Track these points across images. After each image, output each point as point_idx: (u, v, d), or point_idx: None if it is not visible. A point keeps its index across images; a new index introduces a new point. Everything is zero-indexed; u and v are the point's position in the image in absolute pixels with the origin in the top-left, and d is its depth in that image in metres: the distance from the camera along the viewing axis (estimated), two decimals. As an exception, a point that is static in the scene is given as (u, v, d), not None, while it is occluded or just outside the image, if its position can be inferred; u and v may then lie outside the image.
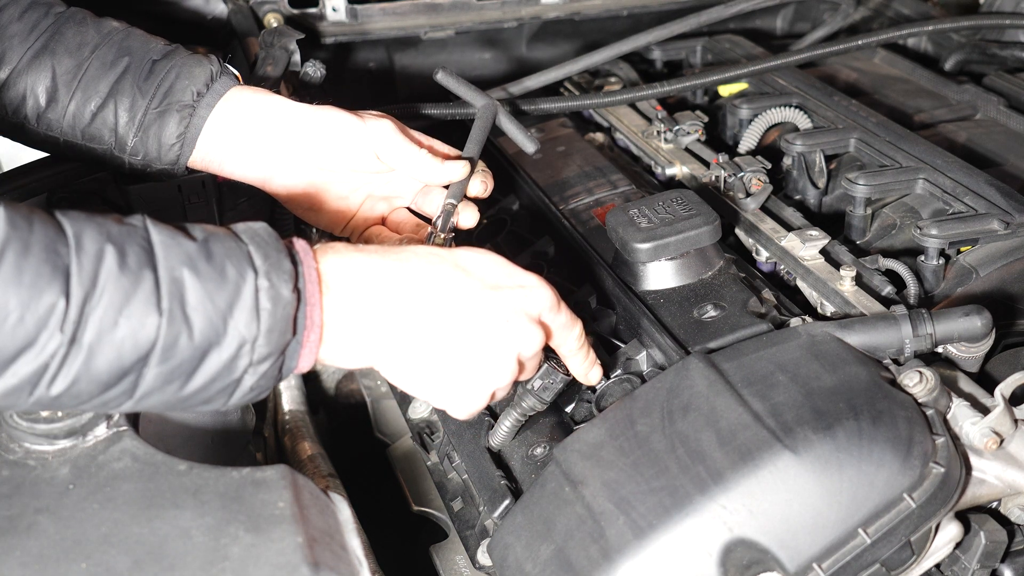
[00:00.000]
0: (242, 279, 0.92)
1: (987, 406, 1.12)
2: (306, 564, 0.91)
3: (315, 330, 0.97)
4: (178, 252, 0.91)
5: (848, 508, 1.00)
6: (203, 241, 0.93)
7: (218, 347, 0.92)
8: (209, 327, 0.91)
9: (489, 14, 2.10)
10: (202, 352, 0.91)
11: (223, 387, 0.94)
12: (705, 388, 1.09)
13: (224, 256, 0.93)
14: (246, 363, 0.93)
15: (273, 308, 0.93)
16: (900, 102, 1.85)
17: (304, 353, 0.97)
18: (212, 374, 0.93)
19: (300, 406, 1.68)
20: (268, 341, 0.93)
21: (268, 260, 0.95)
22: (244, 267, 0.93)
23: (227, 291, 0.92)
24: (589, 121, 1.90)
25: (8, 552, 0.90)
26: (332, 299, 0.99)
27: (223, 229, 0.97)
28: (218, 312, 0.91)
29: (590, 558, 1.01)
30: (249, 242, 0.95)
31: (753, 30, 2.34)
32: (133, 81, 1.30)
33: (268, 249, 0.95)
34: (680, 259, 1.31)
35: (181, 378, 0.92)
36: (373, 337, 1.01)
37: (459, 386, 1.06)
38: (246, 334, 0.92)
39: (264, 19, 1.96)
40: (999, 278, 1.34)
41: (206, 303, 0.90)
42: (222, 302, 0.91)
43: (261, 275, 0.93)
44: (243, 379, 0.94)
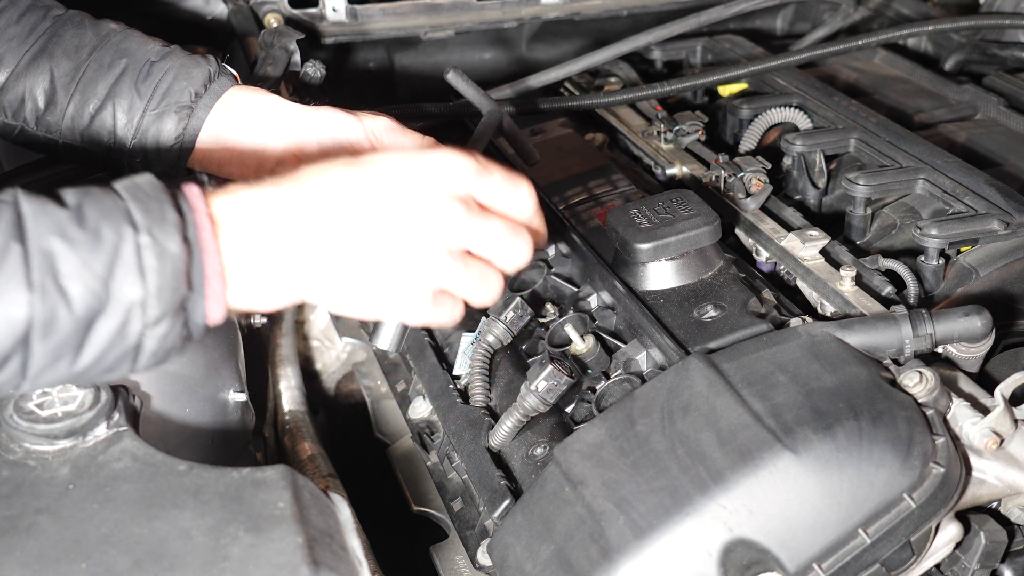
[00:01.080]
0: (120, 239, 0.87)
1: (987, 406, 1.12)
2: (306, 564, 0.91)
3: (216, 279, 0.91)
4: (47, 222, 0.86)
5: (848, 508, 1.00)
6: (76, 206, 0.87)
7: (103, 315, 0.87)
8: (89, 295, 0.86)
9: (489, 14, 2.10)
10: (86, 323, 0.86)
11: (121, 355, 0.90)
12: (705, 388, 1.09)
13: (99, 217, 0.87)
14: (139, 327, 0.88)
15: (159, 265, 0.87)
16: (900, 102, 1.85)
17: (210, 305, 0.92)
18: (104, 344, 0.88)
19: (300, 406, 1.68)
20: (160, 300, 0.88)
21: (149, 214, 0.88)
22: (122, 225, 0.87)
23: (104, 254, 0.86)
24: (589, 121, 1.90)
25: (8, 552, 0.90)
26: (231, 242, 0.92)
27: (101, 189, 0.91)
28: (96, 278, 0.86)
29: (590, 558, 1.01)
30: (129, 198, 0.89)
31: (753, 30, 2.34)
32: (131, 83, 1.30)
33: (149, 203, 0.89)
34: (680, 259, 1.31)
35: (70, 353, 0.87)
36: (286, 271, 0.95)
37: (394, 291, 0.97)
38: (132, 297, 0.87)
39: (264, 19, 1.97)
40: (999, 278, 1.34)
41: (82, 271, 0.85)
42: (100, 267, 0.86)
43: (142, 231, 0.87)
44: (142, 343, 0.89)
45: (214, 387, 1.36)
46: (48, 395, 1.04)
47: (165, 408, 1.26)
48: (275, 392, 1.72)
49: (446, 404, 1.39)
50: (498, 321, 1.36)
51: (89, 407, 1.03)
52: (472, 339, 1.43)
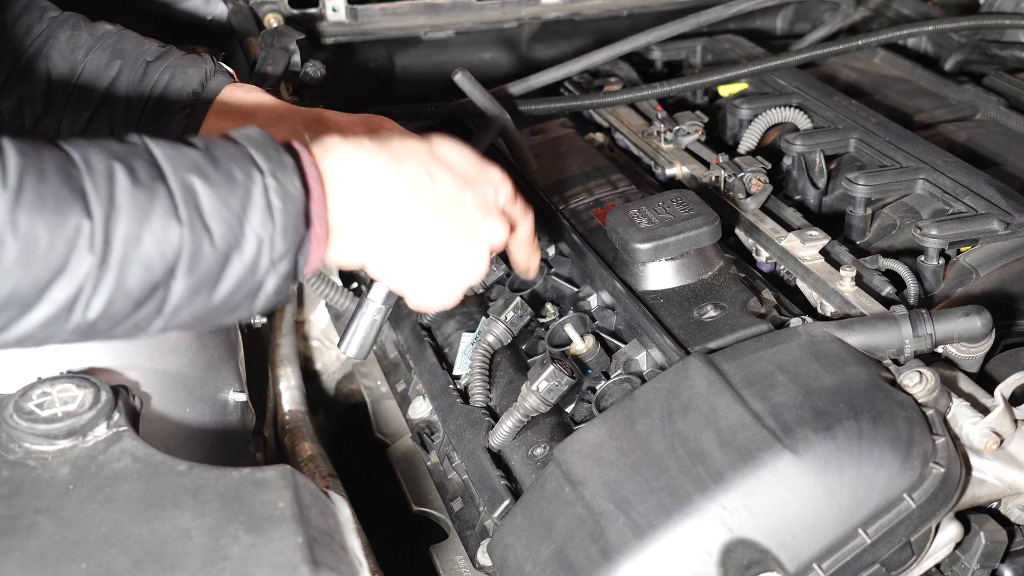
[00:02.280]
0: (250, 180, 0.92)
1: (987, 406, 1.12)
2: (306, 564, 0.91)
3: (322, 224, 0.98)
4: (183, 161, 0.91)
5: (848, 508, 1.00)
6: (205, 148, 0.93)
7: (239, 250, 0.92)
8: (228, 231, 0.91)
9: (489, 14, 2.10)
10: (224, 257, 0.91)
11: (248, 292, 0.95)
12: (705, 388, 1.09)
13: (228, 159, 0.92)
14: (267, 263, 0.94)
15: (284, 205, 0.93)
16: (900, 102, 1.85)
17: (313, 250, 0.98)
18: (237, 279, 0.93)
19: (300, 406, 1.68)
20: (284, 238, 0.94)
21: (270, 159, 0.94)
22: (249, 168, 0.93)
23: (238, 193, 0.91)
24: (589, 121, 1.90)
25: (8, 552, 0.90)
26: (332, 193, 0.99)
27: (220, 136, 0.96)
28: (233, 215, 0.91)
29: (590, 558, 1.01)
30: (247, 144, 0.95)
31: (753, 30, 2.34)
32: (127, 84, 1.29)
33: (268, 149, 0.95)
34: (680, 259, 1.31)
35: (208, 286, 0.92)
36: (368, 233, 1.02)
37: (440, 279, 1.07)
38: (263, 234, 0.92)
39: (264, 19, 1.97)
40: (999, 278, 1.34)
41: (221, 208, 0.90)
42: (236, 205, 0.91)
43: (267, 174, 0.93)
44: (265, 281, 0.95)
45: (214, 387, 1.36)
46: (48, 395, 1.04)
47: (165, 408, 1.26)
48: (275, 392, 1.72)
49: (446, 404, 1.39)
50: (498, 321, 1.36)
51: (89, 407, 1.03)
52: (472, 339, 1.43)
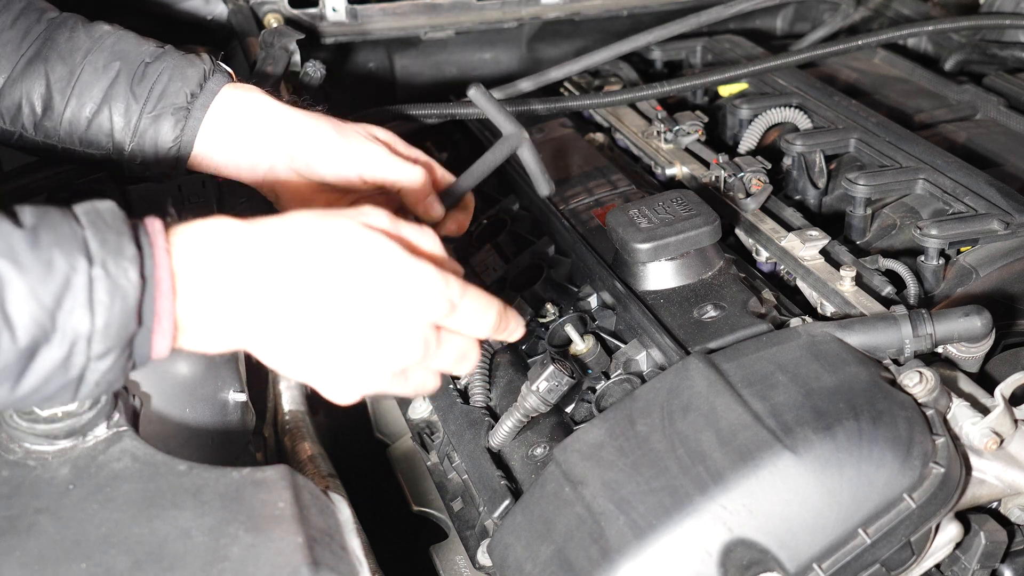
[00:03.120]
0: (73, 270, 0.84)
1: (987, 406, 1.12)
2: (306, 564, 0.91)
3: (167, 317, 0.89)
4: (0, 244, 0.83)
5: (848, 508, 1.00)
6: (32, 228, 0.84)
7: (47, 345, 0.84)
8: (34, 325, 0.83)
9: (489, 14, 2.10)
10: (29, 353, 0.84)
11: (62, 385, 0.87)
12: (705, 388, 1.09)
13: (53, 244, 0.84)
14: (82, 361, 0.86)
15: (110, 301, 0.85)
16: (900, 102, 1.85)
17: (157, 340, 0.89)
18: (45, 374, 0.86)
19: (300, 406, 1.68)
20: (106, 336, 0.86)
21: (106, 246, 0.86)
22: (75, 256, 0.85)
23: (54, 284, 0.83)
24: (589, 121, 1.90)
25: (8, 552, 0.90)
26: (189, 282, 0.90)
27: (60, 212, 0.87)
28: (43, 309, 0.83)
29: (590, 558, 1.01)
30: (88, 225, 0.86)
31: (753, 30, 2.34)
32: (126, 85, 1.29)
33: (107, 233, 0.86)
34: (680, 259, 1.31)
35: (9, 380, 0.85)
36: (238, 319, 0.92)
37: (328, 376, 0.96)
38: (80, 330, 0.85)
39: (264, 19, 1.97)
40: (999, 278, 1.34)
41: (29, 299, 0.82)
42: (48, 298, 0.83)
43: (96, 264, 0.85)
44: (85, 376, 0.87)
45: (214, 387, 1.36)
46: (48, 395, 1.04)
47: (165, 408, 1.26)
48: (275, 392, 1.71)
49: (446, 404, 1.39)
50: (498, 321, 1.36)
51: (89, 407, 1.03)
52: (472, 339, 1.43)
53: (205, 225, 0.92)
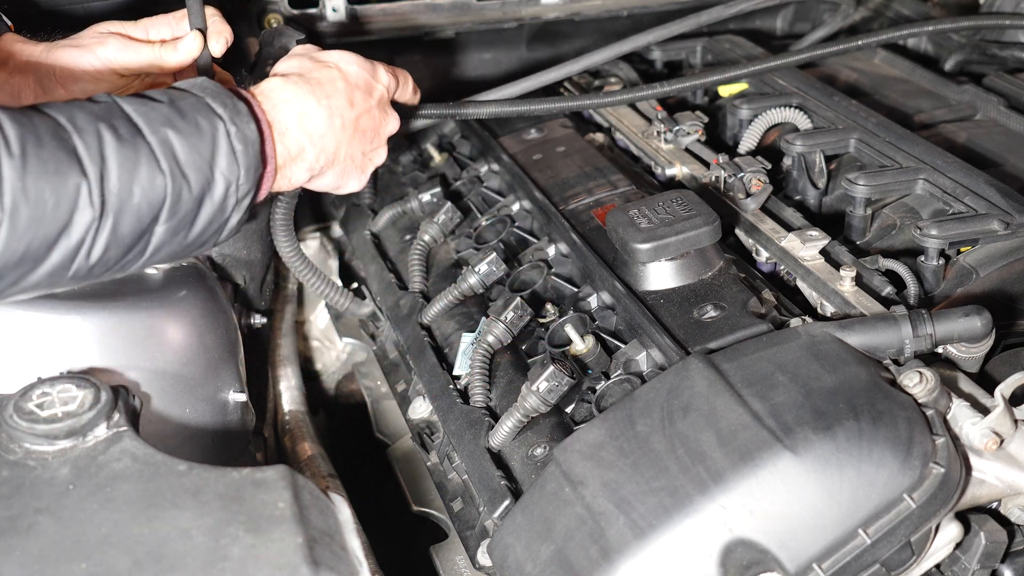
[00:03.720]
0: (214, 128, 1.03)
1: (987, 406, 1.12)
2: (306, 564, 0.91)
3: (272, 162, 1.11)
4: (155, 115, 1.00)
5: (848, 508, 1.00)
6: (170, 102, 1.02)
7: (211, 193, 1.03)
8: (201, 177, 1.01)
9: (489, 14, 2.10)
10: (199, 200, 1.02)
11: (216, 228, 1.06)
12: (705, 388, 1.09)
13: (193, 110, 1.02)
14: (233, 202, 1.05)
15: (245, 148, 1.05)
16: (900, 102, 1.85)
17: (264, 184, 1.10)
18: (208, 218, 1.04)
19: (300, 406, 1.68)
20: (248, 178, 1.06)
21: (227, 107, 1.05)
22: (212, 117, 1.03)
23: (206, 141, 1.02)
24: (589, 121, 1.90)
25: (8, 552, 0.90)
26: (279, 134, 1.13)
27: (176, 89, 1.06)
28: (205, 161, 1.01)
29: (590, 558, 1.01)
30: (203, 94, 1.05)
31: (753, 30, 2.34)
32: None
33: (223, 97, 1.06)
34: (680, 259, 1.31)
35: (185, 228, 1.02)
36: (307, 162, 1.18)
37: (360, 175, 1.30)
38: (230, 176, 1.04)
39: (264, 19, 1.96)
40: (999, 278, 1.34)
41: (194, 156, 1.01)
42: (206, 152, 1.02)
43: (227, 121, 1.04)
44: (231, 217, 1.06)
45: (214, 387, 1.36)
46: (48, 395, 1.04)
47: (165, 408, 1.27)
48: (275, 392, 1.72)
49: (446, 404, 1.39)
50: (498, 321, 1.36)
51: (89, 407, 1.03)
52: (472, 339, 1.43)
53: (269, 86, 1.18)
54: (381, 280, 1.70)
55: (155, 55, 1.35)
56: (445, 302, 1.52)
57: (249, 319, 1.67)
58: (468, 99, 1.69)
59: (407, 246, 1.71)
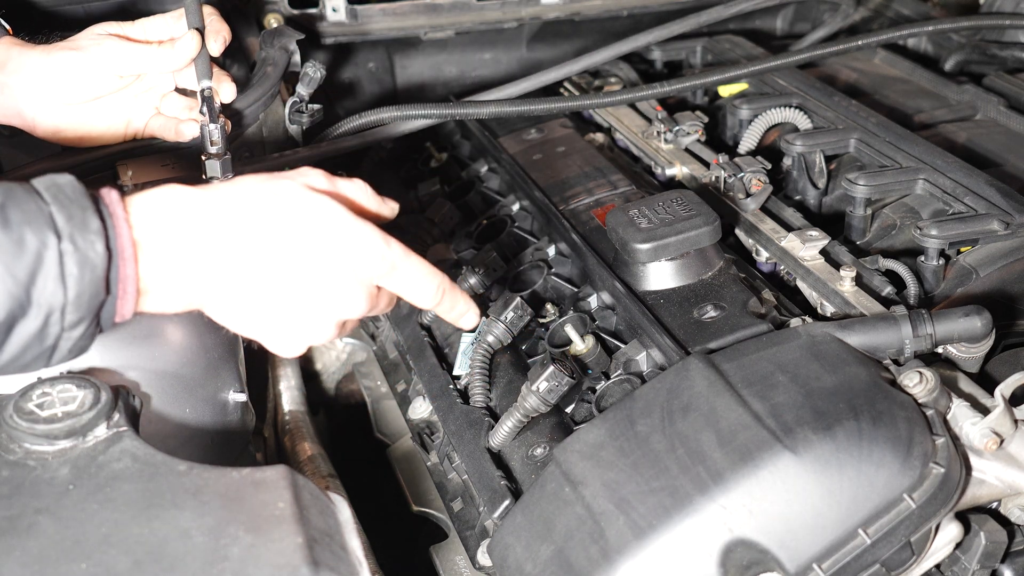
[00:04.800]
0: (44, 246, 0.88)
1: (987, 406, 1.12)
2: (306, 564, 0.91)
3: (130, 283, 0.93)
4: None
5: (848, 508, 1.00)
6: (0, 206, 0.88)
7: (24, 319, 0.88)
8: (11, 300, 0.87)
9: (489, 14, 2.10)
10: (7, 326, 0.88)
11: (37, 355, 0.92)
12: (705, 388, 1.09)
13: (23, 222, 0.88)
14: (57, 331, 0.91)
15: (80, 273, 0.89)
16: (900, 102, 1.85)
17: (121, 306, 0.94)
18: (22, 345, 0.90)
19: (300, 406, 1.68)
20: (78, 307, 0.90)
21: (72, 220, 0.89)
22: (45, 232, 0.88)
23: (27, 260, 0.87)
24: (589, 121, 1.90)
25: (8, 552, 0.90)
26: (147, 249, 0.94)
27: (23, 187, 0.91)
28: (19, 284, 0.87)
29: (590, 558, 1.01)
30: (51, 201, 0.90)
31: (753, 30, 2.34)
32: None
33: (72, 208, 0.90)
34: (680, 259, 1.31)
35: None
36: (193, 281, 0.96)
37: (277, 331, 1.00)
38: (53, 303, 0.89)
39: (264, 19, 1.96)
40: (999, 278, 1.34)
41: (5, 276, 0.86)
42: (22, 273, 0.87)
43: (65, 239, 0.89)
44: (59, 344, 0.92)
45: (214, 387, 1.36)
46: (48, 395, 1.04)
47: (165, 408, 1.26)
48: (275, 392, 1.72)
49: (446, 404, 1.39)
50: (498, 321, 1.36)
51: (89, 407, 1.03)
52: (472, 339, 1.43)
53: (158, 193, 0.96)
54: (381, 280, 1.70)
55: (153, 56, 1.35)
56: (445, 302, 1.52)
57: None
58: (468, 99, 1.69)
59: (407, 246, 1.70)
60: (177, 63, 1.36)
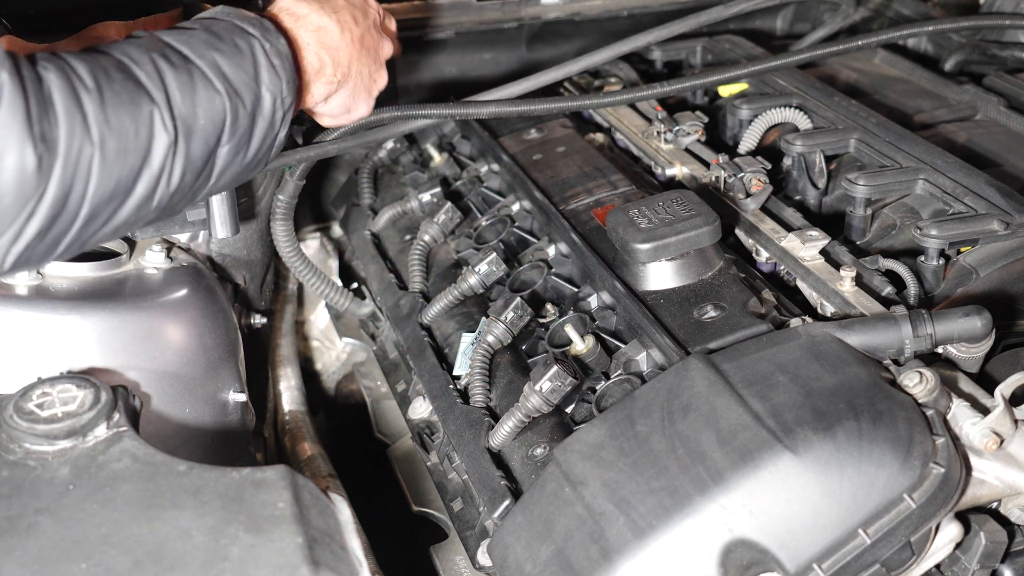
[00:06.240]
0: (251, 47, 1.08)
1: (987, 406, 1.12)
2: (306, 564, 0.91)
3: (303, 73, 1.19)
4: (197, 42, 1.04)
5: (848, 508, 1.00)
6: (205, 28, 1.07)
7: (260, 108, 1.08)
8: (251, 94, 1.07)
9: (489, 14, 2.10)
10: (253, 117, 1.07)
11: (268, 145, 1.12)
12: (705, 388, 1.09)
13: (228, 33, 1.07)
14: (281, 115, 1.11)
15: (282, 62, 1.11)
16: (900, 102, 1.85)
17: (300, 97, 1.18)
18: (263, 134, 1.09)
19: (300, 406, 1.68)
20: (290, 90, 1.12)
21: (256, 27, 1.10)
22: (247, 36, 1.08)
23: (248, 60, 1.07)
24: (589, 121, 1.90)
25: (8, 552, 0.90)
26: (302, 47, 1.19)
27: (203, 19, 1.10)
28: (251, 79, 1.07)
29: (590, 558, 1.01)
30: (230, 17, 1.10)
31: (753, 30, 2.34)
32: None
33: (250, 18, 1.11)
34: (680, 259, 1.31)
35: (244, 146, 1.08)
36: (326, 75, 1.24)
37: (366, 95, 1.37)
38: (274, 90, 1.10)
39: (264, 19, 1.96)
40: (999, 278, 1.34)
41: (240, 74, 1.06)
42: (250, 69, 1.07)
43: (260, 38, 1.09)
44: (279, 132, 1.12)
45: (214, 387, 1.36)
46: (48, 395, 1.04)
47: (165, 408, 1.27)
48: (275, 392, 1.72)
49: (446, 404, 1.39)
50: (498, 321, 1.36)
51: (89, 407, 1.03)
52: (472, 339, 1.43)
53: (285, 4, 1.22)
54: (381, 280, 1.70)
55: None
56: (445, 302, 1.52)
57: (249, 319, 1.67)
58: (468, 99, 1.69)
59: (407, 246, 1.71)
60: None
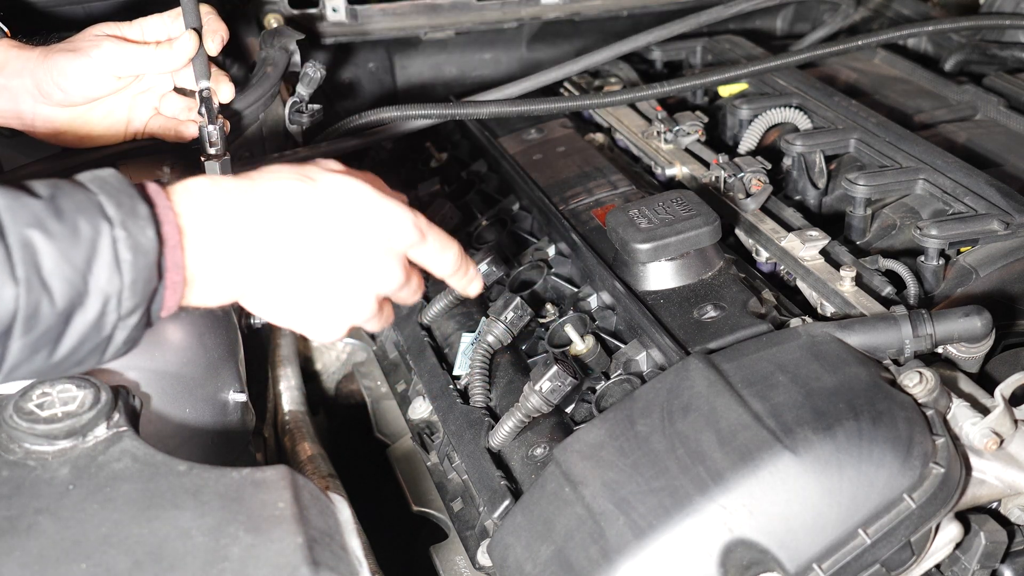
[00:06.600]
0: (97, 233, 0.88)
1: (987, 406, 1.12)
2: (306, 564, 0.91)
3: (178, 271, 0.94)
4: (24, 213, 0.86)
5: (848, 508, 1.00)
6: (50, 198, 0.88)
7: (82, 308, 0.88)
8: (70, 289, 0.87)
9: (489, 14, 2.10)
10: (66, 316, 0.88)
11: (94, 347, 0.92)
12: (705, 388, 1.09)
13: (75, 211, 0.88)
14: (114, 319, 0.90)
15: (134, 258, 0.90)
16: (900, 102, 1.85)
17: (168, 297, 0.94)
18: (80, 336, 0.90)
19: (300, 406, 1.68)
20: (133, 293, 0.90)
21: (121, 208, 0.90)
22: (97, 219, 0.89)
23: (83, 248, 0.87)
24: (589, 121, 1.90)
25: (8, 552, 0.90)
26: (191, 237, 0.95)
27: (68, 181, 0.91)
28: (77, 272, 0.87)
29: (590, 558, 1.01)
30: (99, 191, 0.91)
31: (753, 30, 2.34)
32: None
33: (120, 196, 0.91)
34: (680, 259, 1.31)
35: (48, 345, 0.89)
36: (234, 270, 0.98)
37: (318, 316, 1.03)
38: (109, 290, 0.89)
39: (264, 19, 1.96)
40: (999, 278, 1.34)
41: (62, 265, 0.86)
42: (79, 260, 0.87)
43: (116, 225, 0.89)
44: (114, 335, 0.92)
45: (214, 387, 1.36)
46: (48, 395, 1.04)
47: (165, 408, 1.26)
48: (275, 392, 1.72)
49: (446, 404, 1.39)
50: (498, 321, 1.36)
51: (89, 407, 1.03)
52: (472, 339, 1.43)
53: (195, 184, 0.98)
54: (381, 280, 1.70)
55: (151, 56, 1.35)
56: (445, 302, 1.52)
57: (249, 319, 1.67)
58: (468, 99, 1.69)
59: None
60: (175, 63, 1.36)
